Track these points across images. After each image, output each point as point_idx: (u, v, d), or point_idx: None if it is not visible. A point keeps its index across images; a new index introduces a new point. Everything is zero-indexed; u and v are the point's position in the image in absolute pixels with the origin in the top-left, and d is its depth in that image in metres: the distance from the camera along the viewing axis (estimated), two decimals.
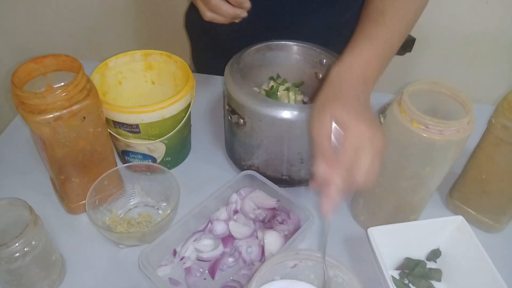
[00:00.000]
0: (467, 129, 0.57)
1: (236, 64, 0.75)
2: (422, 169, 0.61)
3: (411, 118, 0.58)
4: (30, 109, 0.60)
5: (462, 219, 0.67)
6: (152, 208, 0.76)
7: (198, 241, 0.69)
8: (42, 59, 0.65)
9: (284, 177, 0.76)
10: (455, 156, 0.60)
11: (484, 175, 0.69)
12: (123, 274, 0.67)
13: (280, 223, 0.71)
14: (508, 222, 0.74)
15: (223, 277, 0.66)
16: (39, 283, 0.62)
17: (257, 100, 0.68)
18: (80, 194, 0.71)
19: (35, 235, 0.58)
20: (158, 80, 0.84)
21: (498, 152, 0.66)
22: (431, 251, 0.68)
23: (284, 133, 0.69)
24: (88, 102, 0.63)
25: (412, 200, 0.66)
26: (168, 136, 0.75)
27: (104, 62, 0.78)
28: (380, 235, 0.64)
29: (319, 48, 0.79)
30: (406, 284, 0.66)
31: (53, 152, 0.64)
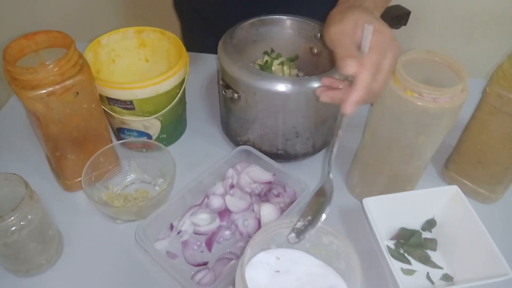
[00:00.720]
0: (460, 97, 0.57)
1: (230, 39, 0.74)
2: (416, 139, 0.61)
3: (405, 86, 0.58)
4: (22, 85, 0.60)
5: (457, 189, 0.67)
6: (148, 184, 0.76)
7: (195, 215, 0.70)
8: (33, 36, 0.65)
9: (279, 151, 0.76)
10: (449, 124, 0.60)
11: (479, 145, 0.70)
12: (120, 249, 0.68)
13: (276, 196, 0.71)
14: (503, 192, 0.74)
15: (220, 250, 0.67)
16: (37, 257, 0.63)
17: (251, 74, 0.68)
18: (76, 171, 0.71)
19: (31, 209, 0.58)
20: (152, 58, 0.84)
21: (493, 121, 0.66)
22: (426, 221, 0.69)
23: (278, 107, 0.69)
24: (81, 77, 0.62)
25: (407, 170, 0.66)
26: (163, 113, 0.75)
27: (97, 39, 0.78)
28: (375, 206, 0.65)
29: (314, 22, 0.79)
30: (401, 254, 0.67)
31: (47, 129, 0.64)
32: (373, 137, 0.66)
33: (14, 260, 0.61)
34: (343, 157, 0.79)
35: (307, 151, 0.77)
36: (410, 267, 0.65)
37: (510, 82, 0.62)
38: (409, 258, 0.66)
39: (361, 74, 0.53)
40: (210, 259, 0.66)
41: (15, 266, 0.62)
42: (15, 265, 0.62)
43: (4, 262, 0.62)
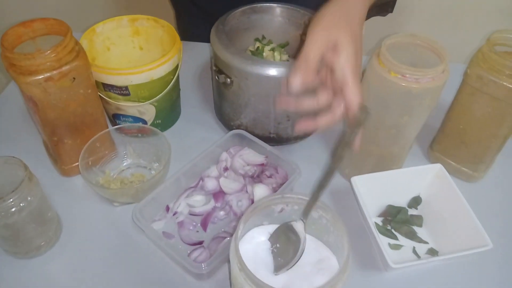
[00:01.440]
0: (442, 77, 0.60)
1: (222, 26, 0.76)
2: (400, 118, 0.64)
3: (389, 68, 0.60)
4: (20, 70, 0.62)
5: (440, 167, 0.70)
6: (144, 168, 0.78)
7: (190, 197, 0.72)
8: (30, 23, 0.67)
9: (271, 135, 0.78)
10: (431, 104, 0.63)
11: (461, 125, 0.73)
12: (117, 231, 0.70)
13: (268, 177, 0.74)
14: (486, 170, 0.77)
15: (214, 229, 0.69)
16: (36, 239, 0.65)
17: (243, 59, 0.70)
18: (73, 156, 0.73)
19: (30, 191, 0.60)
20: (146, 46, 0.86)
21: (474, 102, 0.69)
22: (412, 198, 0.72)
23: (270, 91, 0.71)
24: (77, 63, 0.64)
25: (393, 150, 0.69)
26: (158, 98, 0.77)
27: (92, 27, 0.79)
28: (363, 184, 0.68)
29: (303, 9, 0.81)
30: (389, 230, 0.70)
31: (45, 114, 0.66)
32: None
33: (14, 242, 0.63)
34: (331, 140, 0.83)
35: (298, 134, 0.80)
36: (397, 242, 0.68)
37: (489, 64, 0.65)
38: (396, 234, 0.69)
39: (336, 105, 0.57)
40: (205, 238, 0.68)
41: (15, 248, 0.64)
42: (15, 246, 0.64)
43: (5, 244, 0.64)
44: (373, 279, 0.65)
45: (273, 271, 0.54)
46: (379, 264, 0.66)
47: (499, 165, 0.79)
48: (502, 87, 0.65)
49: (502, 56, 0.64)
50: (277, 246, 0.57)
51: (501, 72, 0.64)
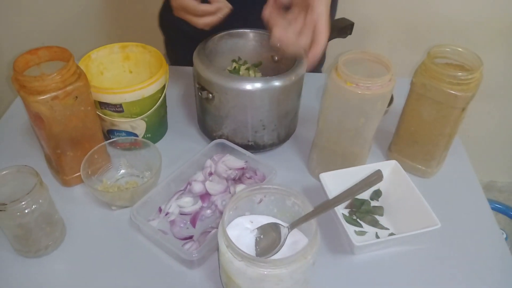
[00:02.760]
0: (389, 85, 0.72)
1: (203, 49, 0.88)
2: (357, 121, 0.75)
3: (345, 79, 0.72)
4: (30, 91, 0.71)
5: (395, 163, 0.81)
6: (137, 177, 0.87)
7: (179, 199, 0.81)
8: (36, 51, 0.76)
9: (250, 143, 0.89)
10: (382, 108, 0.74)
11: (413, 127, 0.84)
12: (116, 231, 0.79)
13: (248, 178, 0.84)
14: (437, 166, 0.89)
15: (203, 226, 0.79)
16: (45, 238, 0.73)
17: (223, 76, 0.81)
18: (74, 167, 0.82)
19: (41, 194, 0.69)
20: (135, 69, 0.96)
21: (420, 106, 0.81)
22: (373, 191, 0.83)
23: (247, 103, 0.82)
24: (79, 84, 0.74)
25: (354, 149, 0.81)
26: (148, 114, 0.87)
27: (87, 54, 0.90)
28: (330, 179, 0.78)
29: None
30: (354, 219, 0.80)
31: (50, 129, 0.75)
32: (325, 124, 0.80)
33: (26, 241, 0.71)
34: (303, 146, 0.94)
35: (273, 141, 0.90)
36: (362, 229, 0.79)
37: (430, 73, 0.77)
38: (361, 222, 0.80)
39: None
40: (195, 233, 0.77)
41: (26, 247, 0.72)
42: (26, 245, 0.72)
43: (17, 243, 0.72)
44: (342, 261, 0.75)
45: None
46: (347, 249, 0.76)
47: (450, 162, 0.91)
48: (443, 92, 0.77)
49: (441, 66, 0.77)
50: (261, 237, 0.66)
51: (441, 80, 0.77)
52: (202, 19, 0.79)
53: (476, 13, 1.50)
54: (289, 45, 0.71)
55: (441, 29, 1.52)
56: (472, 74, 0.75)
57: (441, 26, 1.52)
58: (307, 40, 0.69)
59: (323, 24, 0.69)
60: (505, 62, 1.62)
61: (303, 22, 0.70)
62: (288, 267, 0.56)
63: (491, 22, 1.52)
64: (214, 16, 0.79)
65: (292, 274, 0.57)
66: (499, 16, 1.51)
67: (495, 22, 1.52)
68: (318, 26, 0.69)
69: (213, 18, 0.79)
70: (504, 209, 1.37)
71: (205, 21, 0.79)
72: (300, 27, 0.70)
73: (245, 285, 0.59)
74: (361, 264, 0.75)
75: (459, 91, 0.76)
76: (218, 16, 0.79)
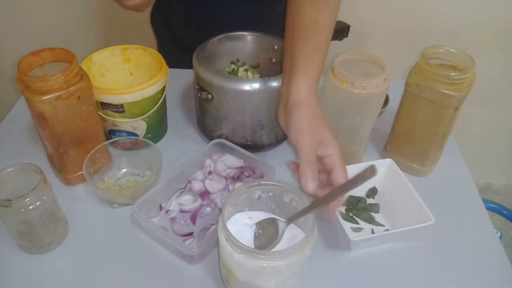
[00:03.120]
0: (384, 84, 0.74)
1: (202, 52, 0.90)
2: (353, 120, 0.77)
3: (342, 79, 0.74)
4: (34, 91, 0.73)
5: (391, 161, 0.83)
6: (138, 176, 0.89)
7: (180, 197, 0.83)
8: (40, 52, 0.78)
9: (248, 142, 0.91)
10: (378, 107, 0.77)
11: (407, 127, 0.86)
12: (117, 228, 0.80)
13: (247, 177, 0.86)
14: (432, 165, 0.91)
15: (202, 223, 0.80)
16: (48, 235, 0.74)
17: (222, 77, 0.83)
18: (76, 166, 0.84)
19: (45, 191, 0.71)
20: (136, 71, 0.98)
21: (415, 105, 0.83)
22: (369, 189, 0.85)
23: (245, 103, 0.84)
24: (82, 84, 0.76)
25: (351, 147, 0.83)
26: (148, 114, 0.89)
27: (89, 56, 0.92)
28: None
29: (271, 36, 0.96)
30: (351, 216, 0.82)
31: (54, 128, 0.77)
32: None
33: (30, 237, 0.73)
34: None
35: (271, 141, 0.92)
36: (358, 226, 0.80)
37: (424, 74, 0.80)
38: (357, 219, 0.81)
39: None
40: (195, 230, 0.79)
41: (30, 243, 0.74)
42: (30, 241, 0.74)
43: (21, 239, 0.74)
44: (338, 257, 0.77)
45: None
46: (344, 245, 0.78)
47: (445, 162, 0.93)
48: (436, 92, 0.79)
49: (434, 67, 0.79)
50: (260, 232, 0.68)
51: (435, 80, 0.79)
52: (130, 1, 0.82)
53: (471, 16, 1.53)
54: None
55: (436, 32, 1.55)
56: (465, 74, 0.77)
57: (436, 29, 1.54)
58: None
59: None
60: (500, 65, 1.65)
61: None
62: (286, 259, 0.58)
63: (486, 25, 1.55)
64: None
65: (290, 267, 0.59)
66: (494, 19, 1.53)
67: (490, 25, 1.55)
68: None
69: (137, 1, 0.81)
70: (499, 209, 1.39)
71: (132, 3, 0.82)
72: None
73: (244, 278, 0.60)
74: (358, 260, 0.76)
75: (452, 90, 0.78)
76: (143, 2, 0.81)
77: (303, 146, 0.65)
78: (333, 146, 0.66)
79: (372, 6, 1.52)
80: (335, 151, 0.66)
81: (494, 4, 1.49)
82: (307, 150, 0.65)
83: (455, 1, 1.50)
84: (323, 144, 0.66)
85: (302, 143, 0.65)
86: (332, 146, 0.66)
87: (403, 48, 1.58)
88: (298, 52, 0.70)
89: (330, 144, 0.66)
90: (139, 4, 0.83)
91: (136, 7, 0.83)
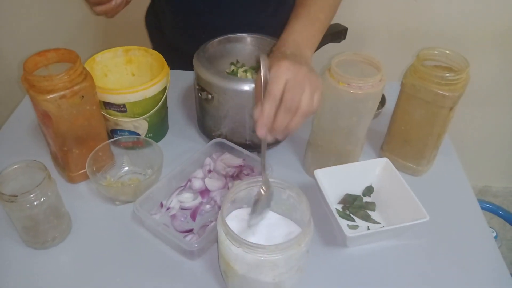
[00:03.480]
0: (379, 84, 0.76)
1: (203, 53, 0.92)
2: (350, 119, 0.79)
3: (338, 79, 0.76)
4: (40, 90, 0.75)
5: (386, 160, 0.85)
6: (139, 174, 0.91)
7: (180, 194, 0.85)
8: (45, 53, 0.81)
9: (247, 142, 0.92)
10: (373, 106, 0.78)
11: (403, 126, 0.88)
12: (119, 225, 0.82)
13: (246, 175, 0.87)
14: (427, 165, 0.92)
15: (202, 220, 0.82)
16: (52, 230, 0.76)
17: (222, 78, 0.85)
18: (79, 164, 0.86)
19: (49, 188, 0.72)
20: (138, 72, 1.00)
21: (410, 105, 0.85)
22: (365, 187, 0.86)
23: (245, 103, 0.86)
24: (85, 84, 0.78)
25: (347, 146, 0.84)
26: (150, 114, 0.91)
27: (92, 57, 0.94)
28: (324, 176, 0.82)
29: (269, 37, 0.98)
30: (347, 214, 0.83)
31: (58, 127, 0.79)
32: (319, 123, 0.84)
33: (34, 232, 0.75)
34: (298, 146, 0.97)
35: (269, 141, 0.94)
36: (354, 223, 0.82)
37: (419, 74, 0.82)
38: (353, 217, 0.83)
39: (263, 104, 0.67)
40: (195, 226, 0.81)
41: (35, 238, 0.76)
42: (34, 237, 0.76)
43: (26, 235, 0.76)
44: (335, 253, 0.78)
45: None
46: (340, 242, 0.80)
47: (440, 162, 0.95)
48: (431, 92, 0.81)
49: (429, 68, 0.81)
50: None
51: (430, 80, 0.81)
52: (98, 7, 0.86)
53: (468, 20, 1.55)
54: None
55: (433, 36, 1.57)
56: (459, 75, 0.79)
57: (433, 33, 1.57)
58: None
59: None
60: (497, 68, 1.67)
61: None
62: (283, 253, 0.60)
63: (484, 28, 1.57)
64: (109, 4, 0.86)
65: (287, 260, 0.61)
66: (491, 23, 1.55)
67: (487, 28, 1.57)
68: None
69: (107, 6, 0.86)
70: (495, 209, 1.41)
71: (100, 9, 0.87)
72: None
73: (242, 271, 0.62)
74: (353, 257, 0.78)
75: (447, 91, 0.80)
76: (112, 5, 0.86)
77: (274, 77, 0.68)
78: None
79: (370, 9, 1.54)
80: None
81: (491, 7, 1.51)
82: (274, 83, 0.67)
83: (452, 5, 1.52)
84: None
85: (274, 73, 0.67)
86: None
87: (400, 51, 1.60)
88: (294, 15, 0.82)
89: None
90: (105, 11, 0.87)
91: (103, 13, 0.88)
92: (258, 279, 0.63)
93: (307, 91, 0.68)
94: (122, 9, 0.89)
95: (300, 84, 0.68)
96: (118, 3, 0.86)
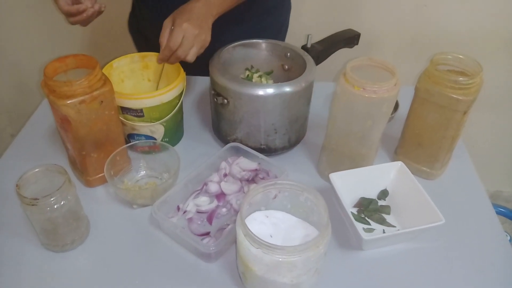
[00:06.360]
0: (394, 89, 0.77)
1: (218, 58, 0.93)
2: (365, 123, 0.80)
3: (353, 84, 0.77)
4: (60, 95, 0.77)
5: (401, 164, 0.86)
6: (156, 178, 0.92)
7: (196, 198, 0.86)
8: (64, 59, 0.82)
9: (262, 146, 0.93)
10: (388, 110, 0.79)
11: (417, 130, 0.89)
12: (137, 228, 0.83)
13: (261, 179, 0.88)
14: (442, 168, 0.93)
15: (218, 223, 0.83)
16: (71, 233, 0.77)
17: (237, 83, 0.87)
18: (97, 168, 0.87)
19: (69, 191, 0.74)
20: (154, 78, 1.02)
21: (424, 110, 0.85)
22: (380, 191, 0.87)
23: (260, 108, 0.87)
24: (105, 89, 0.80)
25: (361, 150, 0.85)
26: (166, 119, 0.92)
27: (110, 63, 0.96)
28: (340, 179, 0.82)
29: (283, 43, 0.99)
30: (362, 217, 0.84)
31: (77, 131, 0.81)
32: (334, 127, 0.85)
33: (53, 235, 0.76)
34: (313, 150, 0.98)
35: (284, 145, 0.95)
36: (370, 227, 0.82)
37: (433, 79, 0.82)
38: (368, 220, 0.83)
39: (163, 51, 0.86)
40: (211, 229, 0.82)
41: (54, 241, 0.77)
42: (54, 240, 0.77)
43: (46, 238, 0.77)
44: (351, 257, 0.79)
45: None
46: (356, 245, 0.80)
47: (454, 165, 0.95)
48: (445, 96, 0.81)
49: (443, 72, 0.82)
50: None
51: (443, 85, 0.81)
52: (71, 18, 0.92)
53: (478, 25, 1.55)
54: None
55: (444, 41, 1.57)
56: (473, 79, 0.80)
57: (444, 38, 1.57)
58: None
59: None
60: (509, 73, 1.66)
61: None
62: (301, 255, 0.60)
63: (494, 34, 1.57)
64: (81, 16, 0.92)
65: (305, 262, 0.62)
66: (501, 29, 1.56)
67: (497, 34, 1.57)
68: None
69: (80, 17, 0.92)
70: (508, 213, 1.41)
71: (73, 19, 0.93)
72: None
73: (261, 272, 0.63)
74: (369, 260, 0.78)
75: (460, 95, 0.80)
76: (83, 16, 0.92)
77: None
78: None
79: (382, 15, 1.55)
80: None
81: (501, 13, 1.52)
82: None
83: (462, 11, 1.52)
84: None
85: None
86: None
87: (412, 56, 1.61)
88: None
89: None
90: (78, 21, 0.93)
91: (77, 23, 0.94)
92: (276, 280, 0.64)
93: (195, 48, 0.86)
94: (95, 18, 0.95)
95: (189, 42, 0.85)
96: (89, 15, 0.92)
